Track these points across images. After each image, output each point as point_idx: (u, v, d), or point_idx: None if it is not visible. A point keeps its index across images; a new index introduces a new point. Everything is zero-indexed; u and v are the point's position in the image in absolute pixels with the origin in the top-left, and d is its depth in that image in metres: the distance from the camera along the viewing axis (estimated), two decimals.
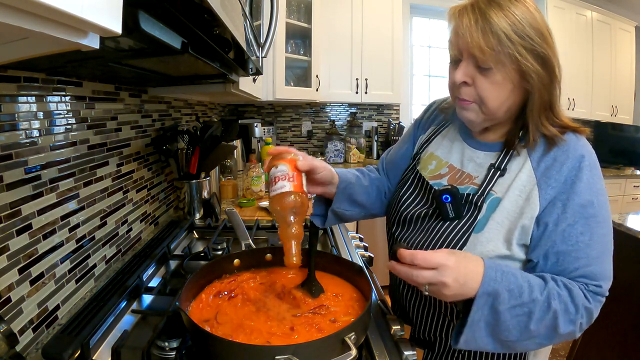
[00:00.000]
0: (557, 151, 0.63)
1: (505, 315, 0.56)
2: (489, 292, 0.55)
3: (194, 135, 1.35)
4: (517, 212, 0.63)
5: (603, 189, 0.63)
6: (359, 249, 1.14)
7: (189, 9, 0.51)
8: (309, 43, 2.56)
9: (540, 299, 0.56)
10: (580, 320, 0.58)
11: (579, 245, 0.60)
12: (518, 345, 0.59)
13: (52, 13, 0.24)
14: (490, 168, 0.68)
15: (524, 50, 0.59)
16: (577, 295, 0.58)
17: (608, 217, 0.63)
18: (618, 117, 3.53)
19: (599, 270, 0.61)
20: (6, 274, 0.64)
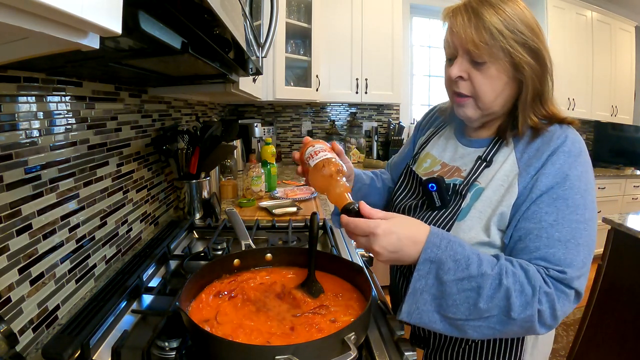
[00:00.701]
0: (540, 142, 0.65)
1: (452, 287, 0.54)
2: (432, 259, 0.55)
3: (194, 135, 1.35)
4: (497, 200, 0.64)
5: (584, 176, 0.61)
6: (359, 248, 1.14)
7: (189, 9, 0.51)
8: (309, 43, 2.56)
9: (491, 274, 0.55)
10: (538, 306, 0.55)
11: (542, 224, 0.59)
12: (468, 327, 0.56)
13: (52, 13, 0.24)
14: (477, 160, 0.70)
15: (516, 44, 0.61)
16: (534, 277, 0.55)
17: (584, 205, 0.60)
18: (618, 117, 3.53)
19: (562, 254, 0.57)
20: (6, 274, 0.64)
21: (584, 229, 0.59)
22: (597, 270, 1.69)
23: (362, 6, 2.71)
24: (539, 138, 0.65)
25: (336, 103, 3.16)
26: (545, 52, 0.64)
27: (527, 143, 0.66)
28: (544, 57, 0.63)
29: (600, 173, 3.13)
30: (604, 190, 3.14)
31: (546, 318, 0.56)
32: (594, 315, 1.69)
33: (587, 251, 0.60)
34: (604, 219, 1.68)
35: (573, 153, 0.62)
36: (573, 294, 0.58)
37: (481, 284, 0.54)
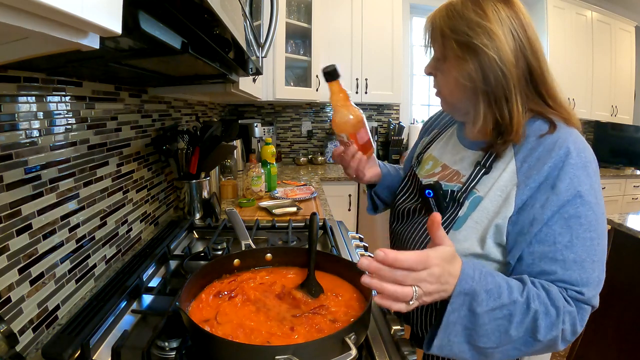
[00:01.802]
0: (542, 150, 0.60)
1: (484, 318, 0.52)
2: (467, 291, 0.52)
3: (194, 135, 1.35)
4: (495, 211, 0.62)
5: (593, 188, 0.57)
6: (359, 248, 1.14)
7: (189, 9, 0.51)
8: (309, 43, 2.56)
9: (521, 300, 0.53)
10: (562, 326, 0.54)
11: (557, 247, 0.56)
12: (496, 353, 0.55)
13: (52, 13, 0.24)
14: (476, 165, 0.67)
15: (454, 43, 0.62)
16: (556, 297, 0.55)
17: (596, 219, 0.57)
18: (618, 117, 3.53)
19: (578, 275, 0.56)
20: (6, 274, 0.64)
21: (598, 244, 0.57)
22: None
23: (362, 6, 2.71)
24: (541, 145, 0.60)
25: None
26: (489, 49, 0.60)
27: (528, 150, 0.61)
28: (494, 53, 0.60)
29: (600, 173, 3.11)
30: (604, 190, 3.14)
31: (567, 335, 0.56)
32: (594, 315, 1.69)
33: (601, 266, 0.58)
34: None
35: (580, 165, 0.57)
36: (590, 309, 0.59)
37: (513, 311, 0.53)
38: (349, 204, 2.54)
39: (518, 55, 0.60)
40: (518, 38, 0.60)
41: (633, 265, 1.53)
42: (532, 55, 0.61)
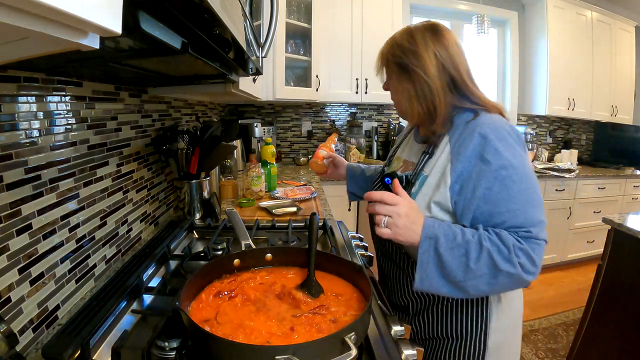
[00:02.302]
0: (467, 132, 0.76)
1: (447, 256, 0.69)
2: (430, 235, 0.70)
3: (194, 135, 1.35)
4: (436, 184, 0.79)
5: (514, 153, 0.72)
6: (359, 248, 1.14)
7: (189, 9, 0.51)
8: (309, 43, 2.56)
9: (473, 240, 0.69)
10: (517, 259, 0.67)
11: (500, 202, 0.71)
12: (468, 286, 0.70)
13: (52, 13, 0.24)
14: (423, 154, 0.85)
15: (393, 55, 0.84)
16: (507, 238, 0.69)
17: (525, 175, 0.72)
18: (618, 117, 3.53)
19: (523, 219, 0.70)
20: (6, 274, 0.64)
21: (532, 193, 0.72)
22: (597, 270, 1.69)
23: (362, 6, 2.71)
24: (466, 129, 0.77)
25: (336, 103, 3.16)
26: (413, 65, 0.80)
27: (458, 134, 0.78)
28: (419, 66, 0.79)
29: (600, 173, 3.13)
30: (604, 190, 3.14)
31: (528, 267, 0.68)
32: (594, 315, 1.69)
33: (540, 208, 0.73)
34: (604, 219, 1.68)
35: (499, 138, 0.73)
36: (543, 242, 0.70)
37: (468, 249, 0.69)
38: (349, 204, 2.54)
39: (440, 70, 0.79)
40: (440, 57, 0.79)
41: (633, 265, 1.53)
42: (453, 69, 0.79)
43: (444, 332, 0.85)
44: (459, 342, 0.84)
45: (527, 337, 2.21)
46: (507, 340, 0.86)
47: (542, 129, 3.71)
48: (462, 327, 0.83)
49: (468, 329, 0.83)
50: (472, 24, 2.97)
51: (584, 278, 2.99)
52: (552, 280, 3.00)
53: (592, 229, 3.17)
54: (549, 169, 2.99)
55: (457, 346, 0.84)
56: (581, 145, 3.89)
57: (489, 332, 0.82)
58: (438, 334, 0.87)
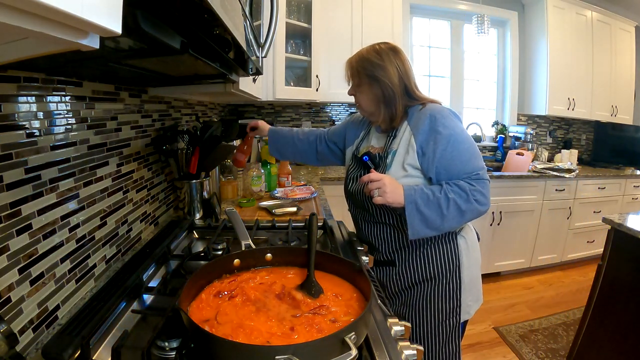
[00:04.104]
0: (420, 116, 1.04)
1: (426, 211, 0.96)
2: (411, 201, 0.96)
3: (194, 135, 1.35)
4: (405, 151, 1.05)
5: (455, 125, 1.01)
6: (359, 247, 1.13)
7: (189, 9, 0.51)
8: (309, 43, 2.56)
9: (441, 196, 0.96)
10: (473, 197, 0.96)
11: (453, 158, 0.99)
12: (446, 227, 0.98)
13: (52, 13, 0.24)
14: (387, 138, 1.12)
15: (362, 68, 1.07)
16: (462, 185, 0.97)
17: (466, 137, 1.01)
18: (618, 117, 3.53)
19: (471, 167, 1.00)
20: (6, 274, 0.64)
21: (472, 148, 1.02)
22: (597, 270, 1.69)
23: (362, 6, 2.71)
24: (421, 114, 1.04)
25: (336, 103, 3.16)
26: (382, 76, 1.05)
27: (414, 118, 1.05)
28: (387, 77, 1.05)
29: (600, 173, 3.13)
30: (604, 190, 3.14)
31: (482, 201, 0.97)
32: (594, 315, 1.69)
33: (480, 158, 1.03)
34: (604, 219, 1.68)
35: (444, 115, 1.01)
36: (488, 180, 1.00)
37: (439, 202, 0.96)
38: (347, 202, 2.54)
39: (399, 79, 1.06)
40: (398, 69, 1.05)
41: (633, 265, 1.53)
42: (406, 78, 1.07)
43: (426, 274, 1.09)
44: (439, 281, 1.08)
45: (527, 337, 2.21)
46: (474, 276, 1.13)
47: (542, 129, 3.71)
48: (440, 267, 1.08)
49: (445, 268, 1.08)
50: (472, 24, 2.97)
51: (584, 278, 2.99)
52: (552, 280, 3.00)
53: (592, 229, 3.17)
54: (549, 169, 2.99)
55: (438, 285, 1.08)
56: (581, 145, 3.89)
57: (462, 268, 1.08)
58: (422, 277, 1.09)
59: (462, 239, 1.10)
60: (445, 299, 1.08)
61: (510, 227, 2.87)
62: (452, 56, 3.41)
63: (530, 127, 3.45)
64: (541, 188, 2.90)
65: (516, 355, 2.04)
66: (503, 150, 3.40)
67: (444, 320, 1.09)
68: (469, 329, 2.22)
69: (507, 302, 2.63)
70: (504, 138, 3.44)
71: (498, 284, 2.91)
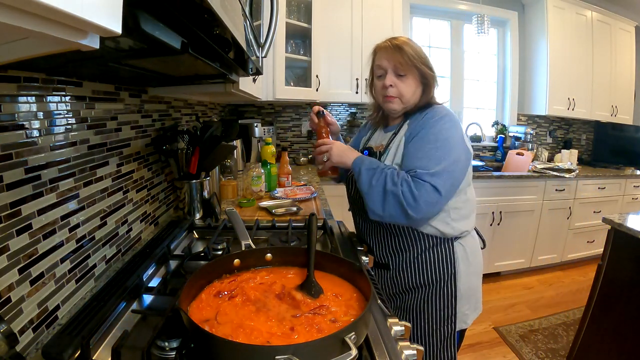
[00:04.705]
0: (421, 114, 1.04)
1: (364, 174, 0.99)
2: (360, 157, 1.04)
3: (194, 135, 1.35)
4: (396, 150, 1.06)
5: (437, 126, 0.98)
6: (359, 247, 1.14)
7: (189, 9, 0.51)
8: (309, 43, 2.56)
9: (380, 167, 0.98)
10: (401, 187, 0.92)
11: (408, 155, 1.00)
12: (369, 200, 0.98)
13: (52, 13, 0.24)
14: (391, 135, 1.11)
15: (421, 64, 1.04)
16: (401, 173, 0.96)
17: (435, 139, 0.96)
18: (618, 117, 3.53)
19: (418, 165, 0.95)
20: (6, 274, 0.64)
21: (435, 151, 0.95)
22: (597, 270, 1.69)
23: (362, 6, 2.71)
24: (422, 113, 1.04)
25: (336, 103, 3.16)
26: (434, 70, 1.07)
27: (416, 116, 1.06)
28: (433, 70, 1.07)
29: (600, 173, 3.13)
30: (604, 190, 3.14)
31: (409, 198, 0.91)
32: (594, 315, 1.69)
33: (437, 161, 0.94)
34: (604, 219, 1.68)
35: (434, 117, 1.00)
36: (428, 185, 0.91)
37: (374, 173, 0.97)
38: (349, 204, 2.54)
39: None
40: None
41: (633, 265, 1.53)
42: None
43: (420, 280, 1.07)
44: (433, 288, 1.06)
45: (527, 337, 2.21)
46: (472, 285, 1.09)
47: (542, 129, 3.71)
48: (435, 274, 1.05)
49: (439, 275, 1.05)
50: (472, 24, 2.97)
51: (584, 278, 2.99)
52: (552, 280, 3.00)
53: (592, 229, 3.17)
54: (549, 169, 2.99)
55: (431, 292, 1.06)
56: (581, 145, 3.89)
57: (458, 277, 1.05)
58: (415, 283, 1.08)
59: (459, 247, 1.06)
60: (439, 307, 1.05)
61: (510, 227, 2.87)
62: (452, 56, 3.41)
63: (530, 127, 3.45)
64: (541, 188, 2.90)
65: (516, 355, 2.04)
66: (503, 150, 3.40)
67: (437, 328, 1.06)
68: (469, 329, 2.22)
69: (507, 302, 2.63)
70: (504, 138, 3.44)
71: (498, 284, 2.91)
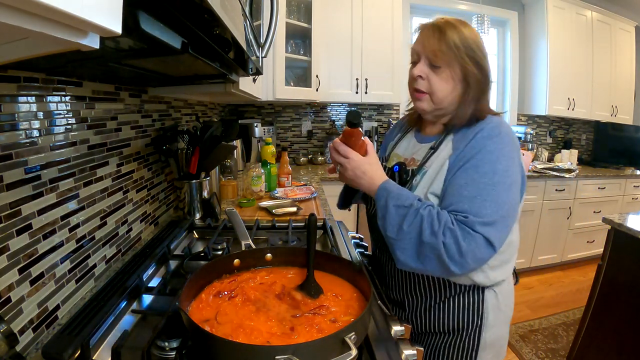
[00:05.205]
0: (471, 130, 0.80)
1: (392, 210, 0.74)
2: (385, 188, 0.77)
3: (194, 135, 1.35)
4: (433, 176, 0.82)
5: (495, 151, 0.75)
6: (359, 248, 1.14)
7: (189, 9, 0.51)
8: (309, 43, 2.56)
9: (414, 207, 0.73)
10: (443, 238, 0.68)
11: (454, 187, 0.75)
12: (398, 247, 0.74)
13: (52, 13, 0.24)
14: (429, 149, 0.87)
15: (467, 57, 0.79)
16: (443, 216, 0.71)
17: (492, 171, 0.73)
18: (618, 117, 3.53)
19: (468, 207, 0.71)
20: (6, 274, 0.64)
21: (492, 189, 0.72)
22: (597, 270, 1.69)
23: (362, 6, 2.71)
24: (472, 127, 0.80)
25: (336, 103, 3.16)
26: (487, 69, 0.82)
27: (463, 132, 0.81)
28: (486, 71, 0.82)
29: (600, 173, 3.13)
30: (604, 190, 3.14)
31: (453, 253, 0.68)
32: (594, 315, 1.69)
33: (494, 206, 0.71)
34: (604, 219, 1.68)
35: (490, 135, 0.77)
36: (481, 238, 0.69)
37: (408, 211, 0.73)
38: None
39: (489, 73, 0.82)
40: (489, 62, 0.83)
41: (633, 265, 1.53)
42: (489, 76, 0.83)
43: (440, 327, 0.87)
44: (454, 337, 0.86)
45: (527, 337, 2.21)
46: (500, 334, 0.88)
47: (542, 129, 3.70)
48: (459, 323, 0.85)
49: (464, 324, 0.85)
50: (472, 24, 2.97)
51: (584, 278, 2.99)
52: (552, 280, 3.00)
53: (592, 229, 3.17)
54: (549, 169, 2.99)
55: (452, 340, 0.87)
56: (581, 145, 3.88)
57: (485, 328, 0.85)
58: (433, 329, 0.89)
59: (490, 293, 0.84)
60: (458, 356, 0.87)
61: None
62: None
63: (530, 127, 3.45)
64: (541, 188, 2.90)
65: (516, 355, 2.04)
66: None
67: None
68: None
69: None
70: None
71: None
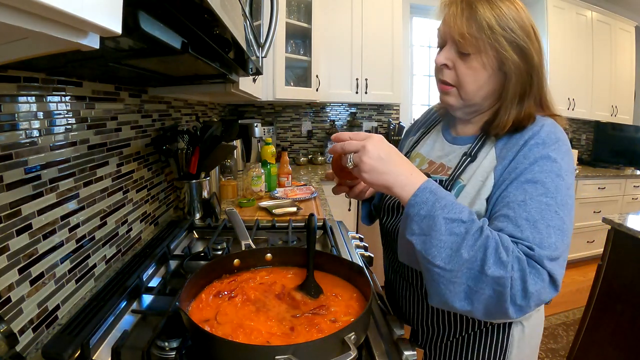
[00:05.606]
0: (519, 135, 0.64)
1: (441, 224, 0.53)
2: (432, 190, 0.55)
3: (194, 135, 1.35)
4: (474, 194, 0.65)
5: (560, 163, 0.60)
6: (359, 249, 1.14)
7: (189, 9, 0.51)
8: (309, 43, 2.56)
9: (476, 224, 0.54)
10: (512, 271, 0.51)
11: (510, 205, 0.58)
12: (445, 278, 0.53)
13: (52, 13, 0.24)
14: (462, 156, 0.71)
15: (504, 41, 0.62)
16: (507, 241, 0.54)
17: (555, 188, 0.58)
18: (618, 117, 3.53)
19: (530, 233, 0.55)
20: (6, 274, 0.64)
21: (556, 212, 0.56)
22: (597, 270, 1.69)
23: (362, 6, 2.71)
24: (519, 133, 0.65)
25: (336, 103, 3.16)
26: (535, 54, 0.64)
27: (507, 138, 0.66)
28: (532, 58, 0.64)
29: (600, 173, 3.13)
30: (604, 190, 3.14)
31: (516, 292, 0.51)
32: (594, 315, 1.69)
33: (559, 235, 0.55)
34: (604, 219, 1.68)
35: (546, 142, 0.62)
36: (546, 275, 0.53)
37: (468, 229, 0.53)
38: (349, 204, 2.54)
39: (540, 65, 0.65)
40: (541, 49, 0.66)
41: (633, 265, 1.53)
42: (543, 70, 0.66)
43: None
44: None
45: None
46: None
47: None
48: (478, 358, 0.73)
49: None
50: None
51: (584, 278, 2.99)
52: None
53: (592, 229, 3.17)
54: None
55: None
56: (581, 145, 3.89)
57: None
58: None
59: (518, 328, 0.72)
60: None
61: None
62: None
63: None
64: None
65: None
66: None
67: None
68: None
69: None
70: None
71: None
